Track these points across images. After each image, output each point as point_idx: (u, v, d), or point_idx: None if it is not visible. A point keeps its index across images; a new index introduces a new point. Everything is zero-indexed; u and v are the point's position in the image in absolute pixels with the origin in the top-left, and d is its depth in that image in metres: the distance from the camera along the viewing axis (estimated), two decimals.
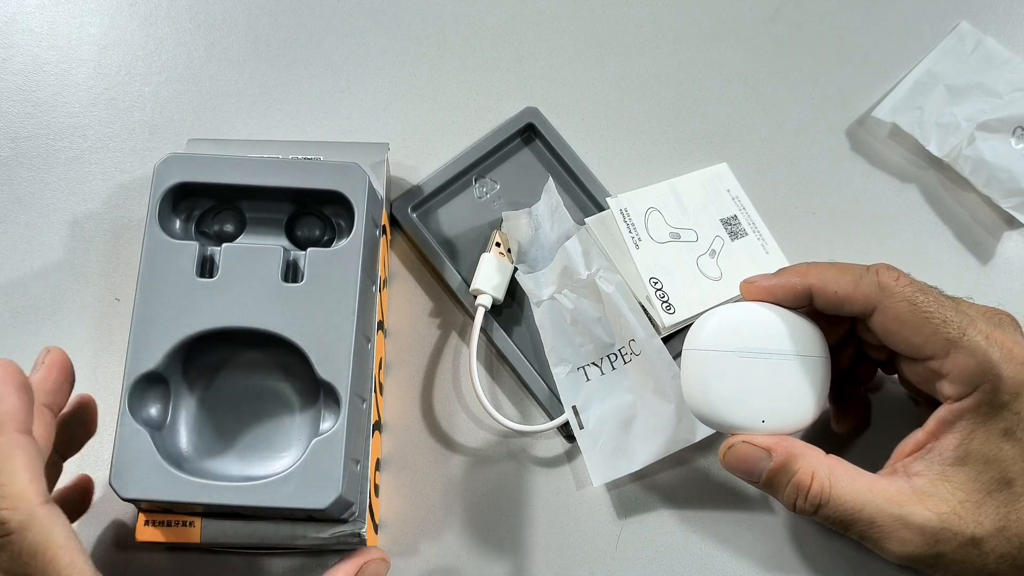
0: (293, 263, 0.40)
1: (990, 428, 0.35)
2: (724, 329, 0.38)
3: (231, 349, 0.39)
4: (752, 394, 0.37)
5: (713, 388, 0.37)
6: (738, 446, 0.37)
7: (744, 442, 0.37)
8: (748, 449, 0.37)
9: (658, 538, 0.43)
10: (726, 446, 0.38)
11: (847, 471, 0.36)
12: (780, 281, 0.39)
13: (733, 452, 0.37)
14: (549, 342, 0.44)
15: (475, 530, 0.43)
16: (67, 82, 0.50)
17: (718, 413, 0.37)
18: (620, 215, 0.44)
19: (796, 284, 0.38)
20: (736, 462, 0.37)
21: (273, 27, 0.51)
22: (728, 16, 0.53)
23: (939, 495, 0.35)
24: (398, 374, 0.45)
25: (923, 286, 0.37)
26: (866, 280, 0.37)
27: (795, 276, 0.39)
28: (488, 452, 0.44)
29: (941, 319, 0.35)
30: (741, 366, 0.37)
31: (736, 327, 0.38)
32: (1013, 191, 0.47)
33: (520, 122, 0.48)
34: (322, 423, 0.38)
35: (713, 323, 0.38)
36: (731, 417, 0.37)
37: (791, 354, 0.38)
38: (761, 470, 0.37)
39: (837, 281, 0.37)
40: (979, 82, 0.49)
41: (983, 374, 0.35)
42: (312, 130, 0.49)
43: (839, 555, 0.43)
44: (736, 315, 0.38)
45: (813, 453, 0.37)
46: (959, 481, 0.35)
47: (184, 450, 0.38)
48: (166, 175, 0.39)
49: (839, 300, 0.37)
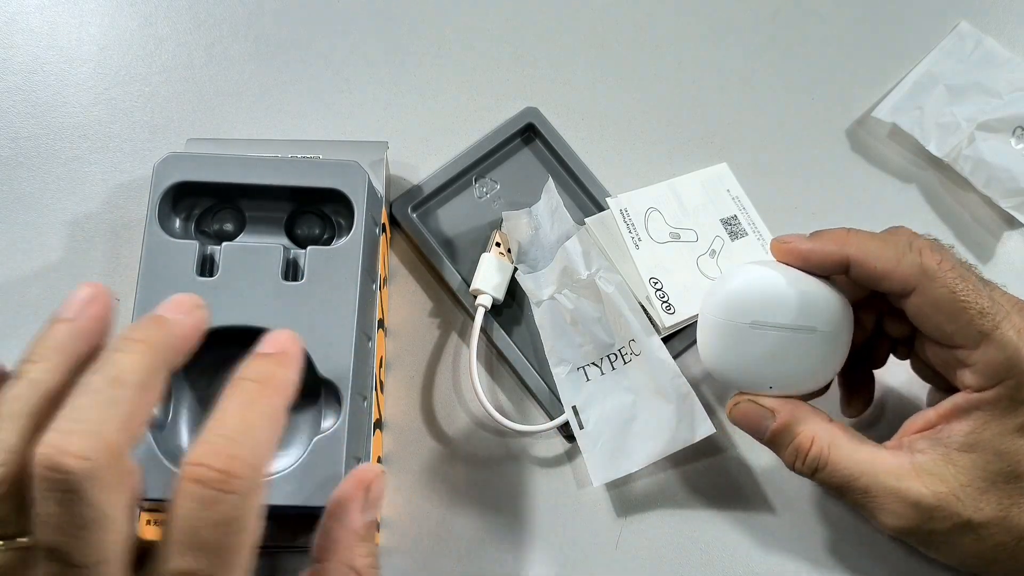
0: (293, 261, 0.40)
1: (1006, 423, 0.35)
2: (742, 295, 0.38)
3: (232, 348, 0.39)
4: (762, 363, 0.38)
5: (723, 353, 0.38)
6: (744, 404, 0.38)
7: (750, 400, 0.38)
8: (753, 408, 0.38)
9: (658, 538, 0.43)
10: (733, 402, 0.39)
11: (849, 439, 0.37)
12: (816, 247, 0.38)
13: (739, 409, 0.39)
14: (549, 342, 0.44)
15: (475, 530, 0.43)
16: (67, 82, 0.50)
17: (727, 375, 0.39)
18: (620, 215, 0.44)
19: (833, 253, 0.37)
20: (741, 418, 0.39)
21: (273, 27, 0.52)
22: (728, 16, 0.53)
23: (940, 475, 0.36)
24: (398, 374, 0.45)
25: (963, 271, 0.36)
26: (908, 259, 0.36)
27: (833, 244, 0.37)
28: (488, 452, 0.44)
29: (977, 310, 0.35)
30: (753, 337, 0.37)
31: (755, 293, 0.38)
32: (1013, 191, 0.48)
33: (520, 122, 0.48)
34: (323, 421, 0.38)
35: (732, 287, 0.38)
36: (739, 380, 0.39)
37: (809, 327, 0.37)
38: (764, 428, 0.38)
39: (878, 256, 0.36)
40: (979, 82, 0.50)
41: (1009, 369, 0.35)
42: (312, 130, 0.50)
43: (839, 555, 0.43)
44: (758, 279, 0.38)
45: (816, 417, 0.38)
46: (963, 466, 0.36)
47: (185, 449, 0.38)
48: (166, 174, 0.40)
49: (877, 276, 0.37)
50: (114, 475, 0.24)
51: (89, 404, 0.25)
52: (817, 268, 0.38)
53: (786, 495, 0.44)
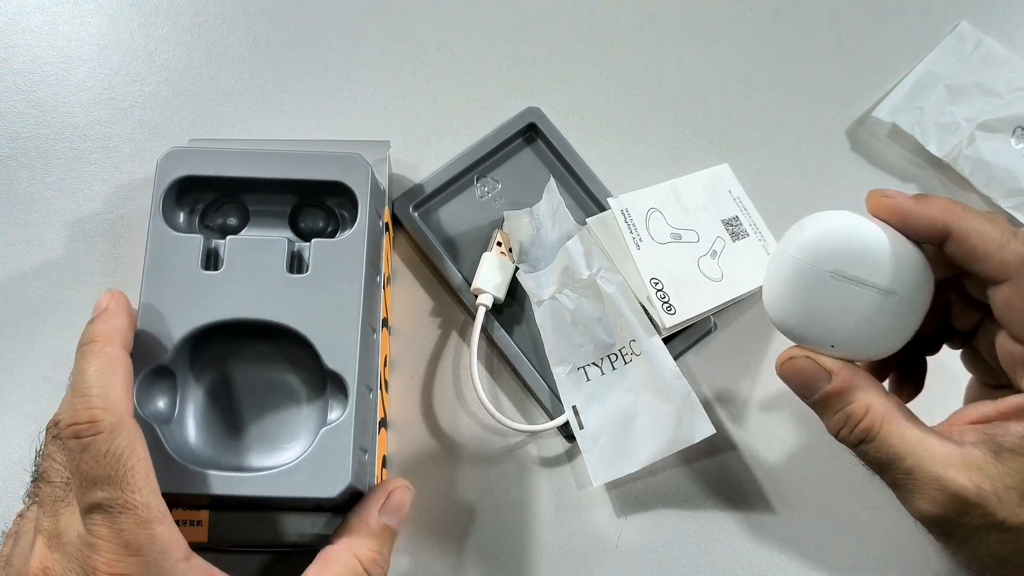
0: (298, 254, 0.40)
1: None
2: (828, 241, 0.35)
3: (237, 341, 0.40)
4: (831, 317, 0.35)
5: (793, 298, 0.36)
6: (800, 360, 0.36)
7: (808, 357, 0.36)
8: (810, 365, 0.36)
9: (658, 538, 0.43)
10: (786, 356, 0.37)
11: (901, 416, 0.35)
12: (920, 209, 0.36)
13: (793, 363, 0.36)
14: (550, 342, 0.44)
15: (475, 529, 0.43)
16: (67, 82, 0.50)
17: (788, 323, 0.36)
18: (621, 215, 0.44)
19: (937, 220, 0.35)
20: (792, 374, 0.37)
21: (273, 27, 0.52)
22: (728, 16, 0.53)
23: (986, 472, 0.34)
24: (400, 373, 0.45)
25: None
26: (1012, 246, 0.34)
27: (937, 210, 0.35)
28: (488, 451, 0.44)
29: None
30: (830, 287, 0.35)
31: (842, 243, 0.35)
32: (1013, 191, 0.48)
33: (522, 122, 0.49)
34: (329, 413, 0.38)
35: (819, 230, 0.36)
36: (800, 332, 0.36)
37: (891, 290, 0.35)
38: (816, 389, 0.36)
39: (982, 234, 0.35)
40: (979, 82, 0.50)
41: None
42: (313, 130, 0.50)
43: (839, 555, 0.43)
44: (853, 228, 0.36)
45: (873, 388, 0.36)
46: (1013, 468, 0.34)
47: (192, 443, 0.38)
48: (169, 169, 0.40)
49: (975, 256, 0.35)
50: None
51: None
52: (914, 232, 0.36)
53: (786, 495, 0.44)
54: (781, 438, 0.45)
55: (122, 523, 0.30)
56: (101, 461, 0.31)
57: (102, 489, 0.31)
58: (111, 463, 0.31)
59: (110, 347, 0.34)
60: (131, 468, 0.31)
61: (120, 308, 0.35)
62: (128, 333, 0.35)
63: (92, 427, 0.31)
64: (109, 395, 0.32)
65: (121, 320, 0.35)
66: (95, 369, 0.33)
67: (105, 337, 0.34)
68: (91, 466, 0.31)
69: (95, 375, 0.33)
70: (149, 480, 0.32)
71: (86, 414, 0.31)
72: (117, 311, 0.35)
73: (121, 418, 0.32)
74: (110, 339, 0.34)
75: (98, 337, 0.34)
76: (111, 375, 0.33)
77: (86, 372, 0.33)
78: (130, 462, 0.31)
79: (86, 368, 0.33)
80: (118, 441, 0.31)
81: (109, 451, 0.31)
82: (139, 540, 0.31)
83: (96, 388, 0.32)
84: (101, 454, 0.31)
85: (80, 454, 0.31)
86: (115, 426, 0.31)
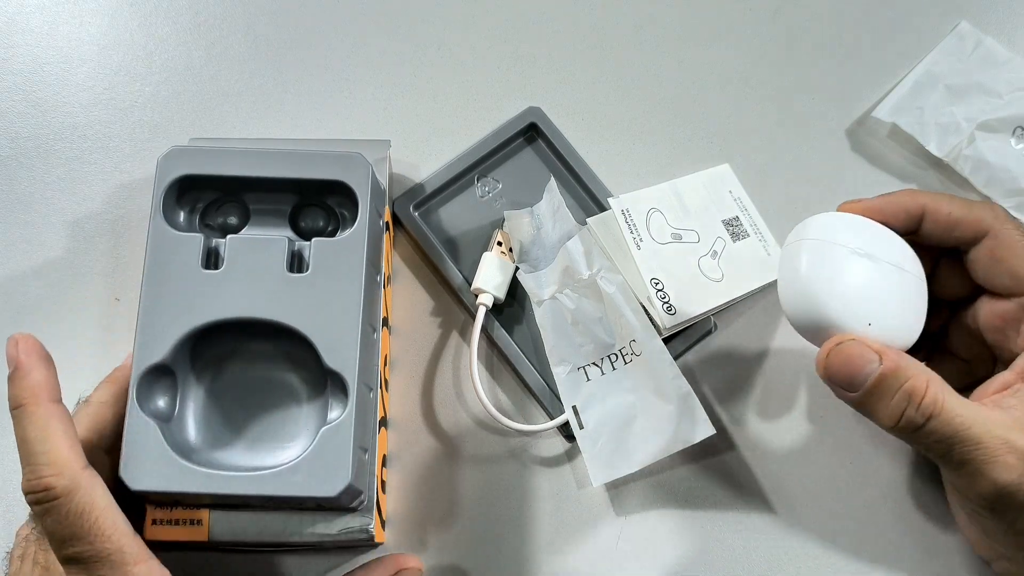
0: (298, 253, 0.40)
1: None
2: (840, 226, 0.36)
3: (238, 340, 0.40)
4: (861, 294, 0.35)
5: (820, 281, 0.34)
6: (848, 344, 0.34)
7: (854, 340, 0.34)
8: (858, 348, 0.34)
9: (658, 538, 0.43)
10: (833, 343, 0.35)
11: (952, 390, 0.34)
12: (891, 199, 0.38)
13: (841, 350, 0.34)
14: (550, 342, 0.44)
15: (475, 529, 0.43)
16: (67, 82, 0.50)
17: (821, 309, 0.34)
18: (622, 215, 0.44)
19: (908, 203, 0.38)
20: (842, 363, 0.34)
21: (273, 27, 0.52)
22: (728, 16, 0.53)
23: None
24: (400, 372, 0.45)
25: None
26: (979, 206, 0.37)
27: (906, 197, 0.38)
28: (488, 451, 0.44)
29: None
30: (853, 263, 0.35)
31: (851, 229, 0.36)
32: (1013, 191, 0.48)
33: (522, 122, 0.49)
34: (330, 412, 0.39)
35: (827, 220, 0.37)
36: (836, 314, 0.34)
37: (903, 268, 0.36)
38: (868, 374, 0.34)
39: (950, 203, 0.37)
40: (979, 82, 0.50)
41: None
42: (313, 130, 0.50)
43: (839, 555, 0.43)
44: (849, 219, 0.37)
45: (922, 365, 0.35)
46: None
47: (193, 441, 0.39)
48: (170, 168, 0.40)
49: (952, 222, 0.37)
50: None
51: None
52: (892, 220, 0.38)
53: (786, 495, 0.44)
54: (781, 438, 0.45)
55: (98, 570, 0.32)
56: (64, 522, 0.32)
57: (72, 545, 0.32)
58: (74, 522, 0.32)
59: (38, 407, 0.33)
60: (94, 522, 0.32)
61: (33, 358, 0.34)
62: (50, 381, 0.34)
63: (48, 494, 0.32)
64: (55, 458, 0.32)
65: (38, 373, 0.34)
66: (32, 434, 0.33)
67: (30, 397, 0.33)
68: (56, 528, 0.32)
69: (35, 440, 0.33)
70: (117, 525, 0.33)
71: (38, 483, 0.32)
72: (32, 364, 0.34)
73: (73, 478, 0.32)
74: (36, 397, 0.33)
75: (23, 400, 0.33)
76: (49, 436, 0.33)
77: (26, 440, 0.33)
78: (92, 516, 0.32)
79: (24, 435, 0.33)
80: (76, 501, 0.32)
81: (70, 512, 0.32)
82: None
83: (41, 455, 0.32)
84: (63, 516, 0.32)
85: (43, 518, 0.32)
86: (69, 488, 0.32)
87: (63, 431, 0.33)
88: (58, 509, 0.32)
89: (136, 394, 0.37)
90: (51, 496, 0.32)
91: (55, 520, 0.32)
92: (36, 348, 0.34)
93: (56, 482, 0.32)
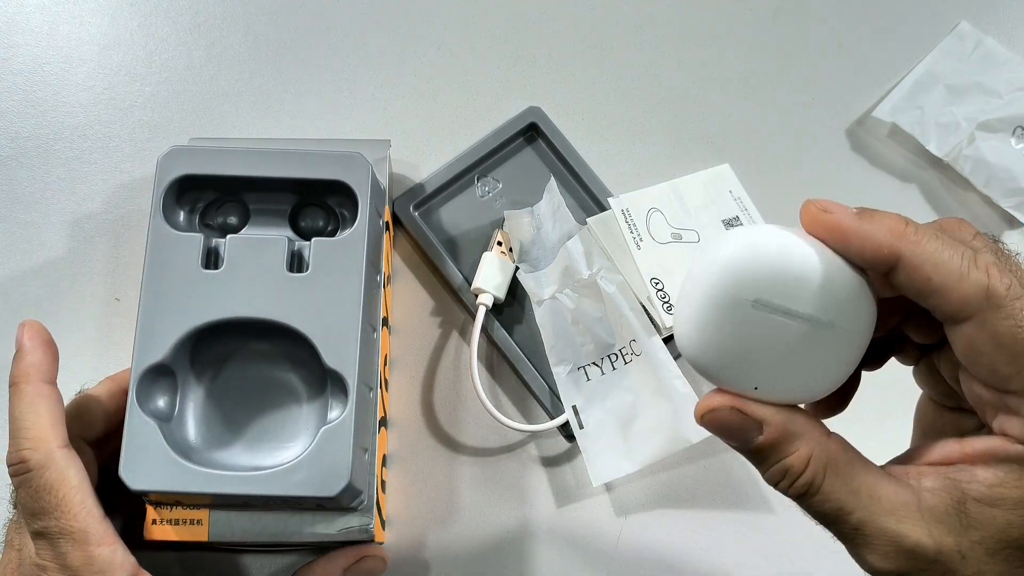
0: (298, 253, 0.40)
1: None
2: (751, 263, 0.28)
3: (238, 340, 0.40)
4: (754, 355, 0.29)
5: (708, 331, 0.29)
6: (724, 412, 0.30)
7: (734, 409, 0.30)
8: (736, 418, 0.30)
9: (658, 537, 0.43)
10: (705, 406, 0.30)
11: (848, 461, 0.30)
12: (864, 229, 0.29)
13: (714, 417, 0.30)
14: (550, 341, 0.45)
15: (475, 529, 0.43)
16: (67, 82, 0.50)
17: (703, 361, 0.30)
18: (622, 215, 0.44)
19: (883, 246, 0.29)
20: (716, 427, 0.31)
21: (273, 27, 0.52)
22: (728, 16, 0.53)
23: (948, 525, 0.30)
24: (400, 372, 0.46)
25: None
26: (973, 277, 0.28)
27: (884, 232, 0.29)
28: (489, 451, 0.45)
29: None
30: (752, 319, 0.29)
31: (767, 266, 0.28)
32: (1013, 191, 0.48)
33: (522, 121, 0.49)
34: (329, 412, 0.39)
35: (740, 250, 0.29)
36: (718, 371, 0.30)
37: (826, 322, 0.29)
38: (747, 441, 0.30)
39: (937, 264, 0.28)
40: (979, 82, 0.50)
41: None
42: (313, 130, 0.50)
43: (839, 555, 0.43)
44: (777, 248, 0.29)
45: (813, 432, 0.30)
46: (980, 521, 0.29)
47: (192, 441, 0.39)
48: (170, 168, 0.40)
49: (930, 290, 0.28)
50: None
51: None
52: (856, 256, 0.29)
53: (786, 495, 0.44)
54: None
55: (61, 547, 0.33)
56: (35, 496, 0.33)
57: (40, 519, 0.33)
58: (44, 496, 0.33)
59: (30, 385, 0.35)
60: (63, 498, 0.33)
61: (35, 341, 0.36)
62: (47, 364, 0.36)
63: (23, 466, 0.34)
64: (35, 434, 0.34)
65: (38, 354, 0.36)
66: (19, 410, 0.35)
67: (25, 376, 0.35)
68: (28, 500, 0.34)
69: (20, 415, 0.35)
70: (85, 505, 0.34)
71: (16, 455, 0.34)
72: (33, 347, 0.36)
73: (48, 453, 0.34)
74: (30, 377, 0.35)
75: (19, 377, 0.35)
76: (35, 413, 0.34)
77: (13, 414, 0.35)
78: (60, 492, 0.33)
79: (12, 410, 0.35)
80: (47, 476, 0.33)
81: (41, 486, 0.33)
82: (77, 562, 0.33)
83: (23, 429, 0.34)
84: (34, 489, 0.33)
85: (19, 490, 0.34)
86: (43, 462, 0.34)
87: (48, 410, 0.35)
88: (30, 482, 0.33)
89: (136, 394, 0.37)
90: (25, 468, 0.33)
91: (27, 493, 0.34)
92: (40, 332, 0.36)
93: (30, 455, 0.34)
